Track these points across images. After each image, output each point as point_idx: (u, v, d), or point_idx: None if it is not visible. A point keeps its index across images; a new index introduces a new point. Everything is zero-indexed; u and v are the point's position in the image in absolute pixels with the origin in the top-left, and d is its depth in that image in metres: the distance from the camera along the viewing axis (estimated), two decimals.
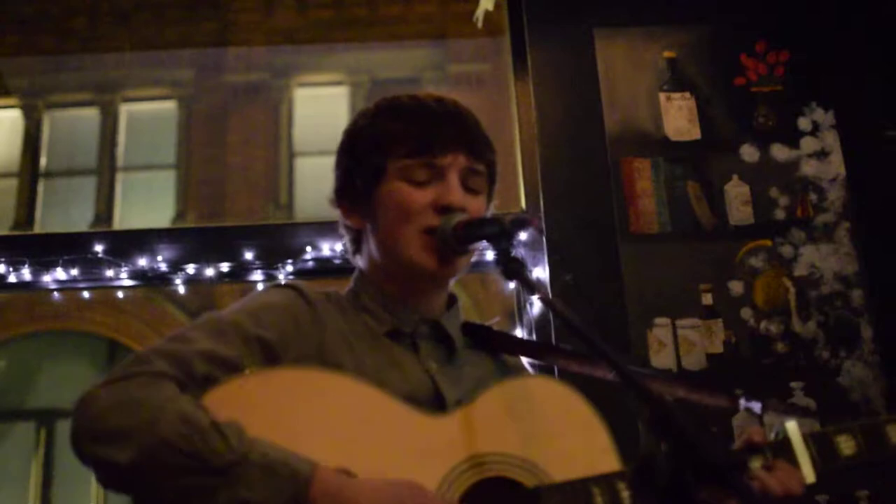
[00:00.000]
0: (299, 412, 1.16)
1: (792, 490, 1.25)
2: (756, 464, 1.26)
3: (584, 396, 1.32)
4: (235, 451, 1.06)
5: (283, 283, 1.39)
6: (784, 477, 1.25)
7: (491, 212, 1.45)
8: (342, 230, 1.48)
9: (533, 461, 1.22)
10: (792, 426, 1.30)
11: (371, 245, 1.41)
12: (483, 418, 1.24)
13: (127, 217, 5.64)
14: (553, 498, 1.17)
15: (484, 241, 1.28)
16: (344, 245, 1.52)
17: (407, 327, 1.37)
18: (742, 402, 1.38)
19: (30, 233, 5.12)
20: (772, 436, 1.31)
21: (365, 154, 1.39)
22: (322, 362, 1.26)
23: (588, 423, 1.30)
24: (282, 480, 1.06)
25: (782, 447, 1.29)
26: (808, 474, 1.28)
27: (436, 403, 1.28)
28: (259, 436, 1.10)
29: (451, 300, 1.45)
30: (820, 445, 1.30)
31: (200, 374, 1.16)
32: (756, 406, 1.38)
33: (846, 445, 1.31)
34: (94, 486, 5.64)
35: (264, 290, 1.38)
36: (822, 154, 3.00)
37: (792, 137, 3.02)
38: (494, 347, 1.48)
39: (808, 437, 1.30)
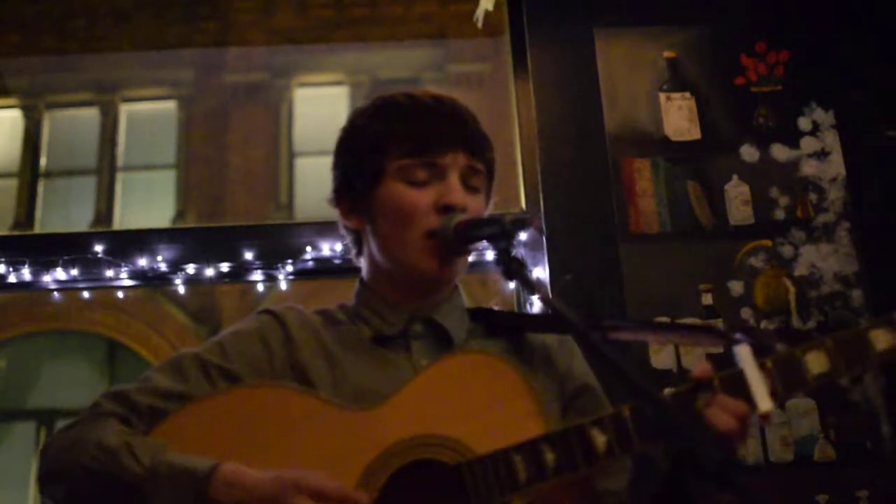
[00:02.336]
0: (228, 429, 1.25)
1: (725, 425, 1.13)
2: (700, 403, 1.15)
3: (512, 362, 1.29)
4: (145, 466, 1.14)
5: (264, 309, 1.44)
6: (715, 413, 1.14)
7: (490, 210, 1.45)
8: (343, 231, 1.48)
9: (456, 439, 1.22)
10: (743, 350, 1.18)
11: (371, 247, 1.41)
12: (409, 404, 1.25)
13: (127, 217, 5.63)
14: (473, 472, 1.17)
15: (484, 240, 1.28)
16: (346, 246, 1.52)
17: (391, 330, 1.37)
18: (737, 335, 1.29)
19: (30, 233, 5.11)
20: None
21: (363, 154, 1.39)
22: (296, 378, 1.31)
23: (513, 391, 1.25)
24: (184, 482, 1.13)
25: (734, 378, 1.17)
26: (764, 401, 1.14)
27: None
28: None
29: (451, 291, 1.44)
30: (783, 367, 1.18)
31: (144, 406, 1.25)
32: (740, 336, 1.28)
33: (816, 363, 1.17)
34: None
35: (243, 319, 1.44)
36: (822, 154, 3.00)
37: (792, 137, 3.02)
38: (508, 328, 1.46)
39: (768, 362, 1.18)
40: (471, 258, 1.49)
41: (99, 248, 2.85)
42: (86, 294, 2.98)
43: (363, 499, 1.14)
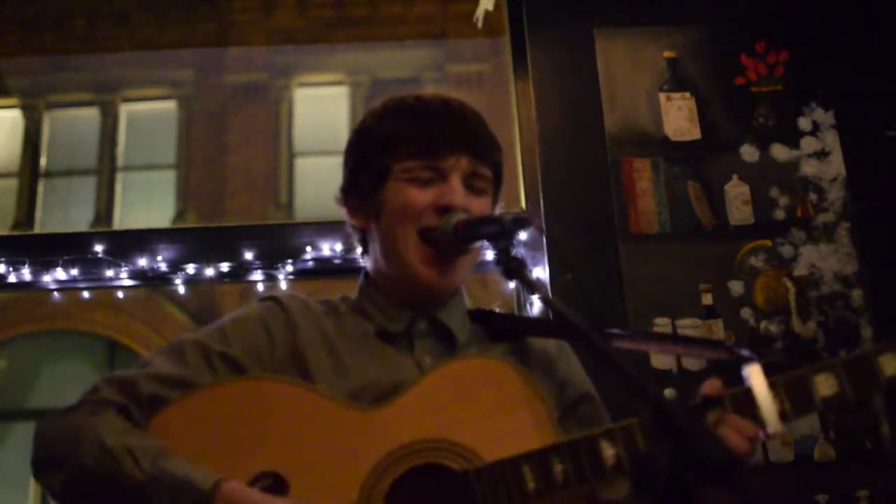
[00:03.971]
0: (233, 422, 1.24)
1: (737, 446, 1.12)
2: (710, 419, 1.14)
3: (522, 370, 1.27)
4: (146, 472, 1.13)
5: (268, 295, 1.44)
6: (726, 432, 1.13)
7: (495, 212, 1.45)
8: (350, 229, 1.50)
9: (465, 444, 1.21)
10: (753, 369, 1.16)
11: (375, 245, 1.42)
12: (416, 406, 1.24)
13: (127, 217, 5.63)
14: (481, 481, 1.15)
15: (484, 240, 1.29)
16: (352, 245, 1.54)
17: (395, 327, 1.37)
18: (743, 352, 1.28)
19: (30, 233, 5.11)
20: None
21: (370, 154, 1.41)
22: (295, 364, 1.30)
23: (524, 399, 1.24)
24: (186, 495, 1.12)
25: (744, 397, 1.16)
26: (773, 423, 1.14)
27: None
28: (197, 450, 1.18)
29: (454, 292, 1.45)
30: (792, 389, 1.15)
31: (146, 394, 1.25)
32: (747, 353, 1.28)
33: (825, 385, 1.15)
34: None
35: (245, 305, 1.44)
36: (822, 154, 3.00)
37: (792, 137, 3.02)
38: (508, 330, 1.46)
39: (777, 382, 1.16)
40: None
41: (99, 248, 2.85)
42: (86, 294, 2.98)
43: None
